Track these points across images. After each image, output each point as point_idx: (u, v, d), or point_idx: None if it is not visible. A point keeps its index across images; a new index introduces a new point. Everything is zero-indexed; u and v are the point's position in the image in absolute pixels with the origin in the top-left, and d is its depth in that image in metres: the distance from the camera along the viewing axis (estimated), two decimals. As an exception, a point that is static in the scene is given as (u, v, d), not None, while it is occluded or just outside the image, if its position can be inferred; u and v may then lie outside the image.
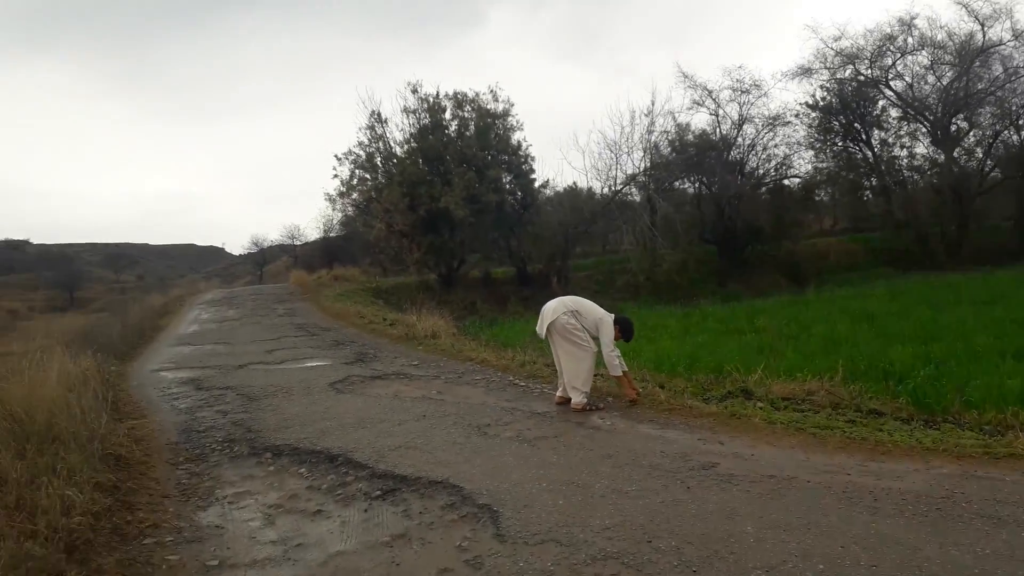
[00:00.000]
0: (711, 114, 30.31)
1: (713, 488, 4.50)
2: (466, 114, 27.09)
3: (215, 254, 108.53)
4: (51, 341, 11.17)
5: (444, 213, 24.71)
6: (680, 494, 4.41)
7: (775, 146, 30.34)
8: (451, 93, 27.13)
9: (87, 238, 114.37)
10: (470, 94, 27.13)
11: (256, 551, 3.93)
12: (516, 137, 27.48)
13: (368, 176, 27.85)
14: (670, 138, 29.70)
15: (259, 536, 4.14)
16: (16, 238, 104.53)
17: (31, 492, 3.99)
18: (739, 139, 30.16)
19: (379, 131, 27.28)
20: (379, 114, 27.21)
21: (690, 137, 30.34)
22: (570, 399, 6.79)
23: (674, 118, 29.82)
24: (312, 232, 51.67)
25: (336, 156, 27.75)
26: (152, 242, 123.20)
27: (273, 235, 60.47)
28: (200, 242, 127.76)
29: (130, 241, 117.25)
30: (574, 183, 33.46)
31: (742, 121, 29.79)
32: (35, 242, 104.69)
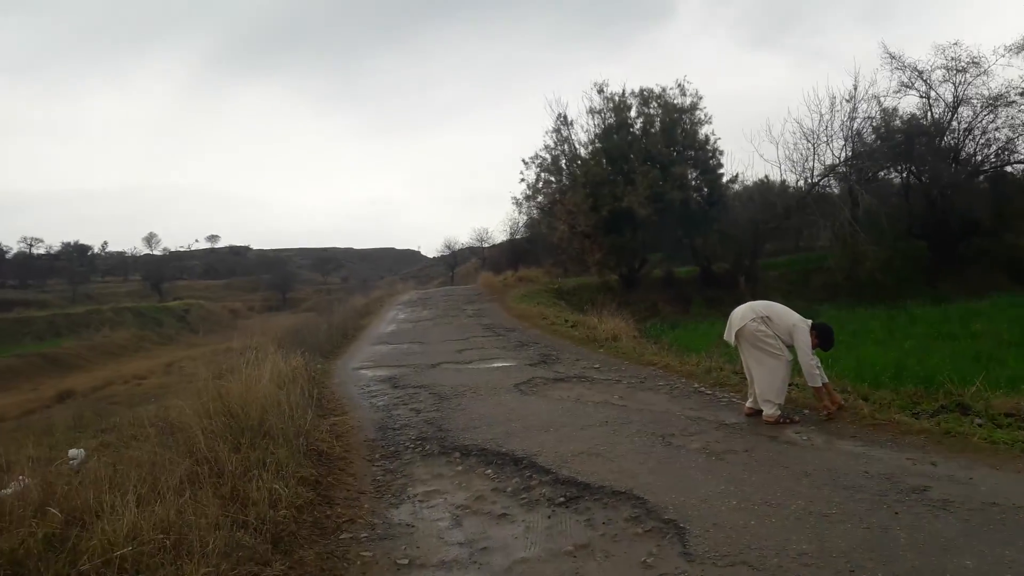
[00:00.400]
0: (921, 97, 27.50)
1: (925, 515, 4.06)
2: (652, 111, 26.70)
3: (411, 257, 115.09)
4: (265, 339, 12.19)
5: (626, 213, 24.49)
6: (887, 520, 4.01)
7: (996, 129, 26.89)
8: (636, 90, 26.95)
9: (299, 243, 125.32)
10: (656, 90, 26.79)
11: (444, 552, 4.04)
12: (704, 131, 26.75)
13: (553, 179, 28.31)
14: (874, 124, 27.31)
15: (447, 537, 4.26)
16: (239, 244, 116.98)
17: (244, 484, 4.35)
18: (953, 123, 27.12)
19: (564, 133, 27.67)
20: (565, 116, 27.58)
21: (897, 123, 27.77)
22: (761, 410, 6.41)
23: (879, 103, 27.25)
24: (499, 235, 53.33)
25: (523, 160, 28.54)
26: (356, 246, 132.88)
27: (463, 238, 63.00)
28: (398, 246, 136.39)
29: (336, 246, 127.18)
30: (765, 176, 31.85)
31: (957, 103, 26.73)
32: (255, 248, 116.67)
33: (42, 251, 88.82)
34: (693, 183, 26.69)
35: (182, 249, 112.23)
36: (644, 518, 4.28)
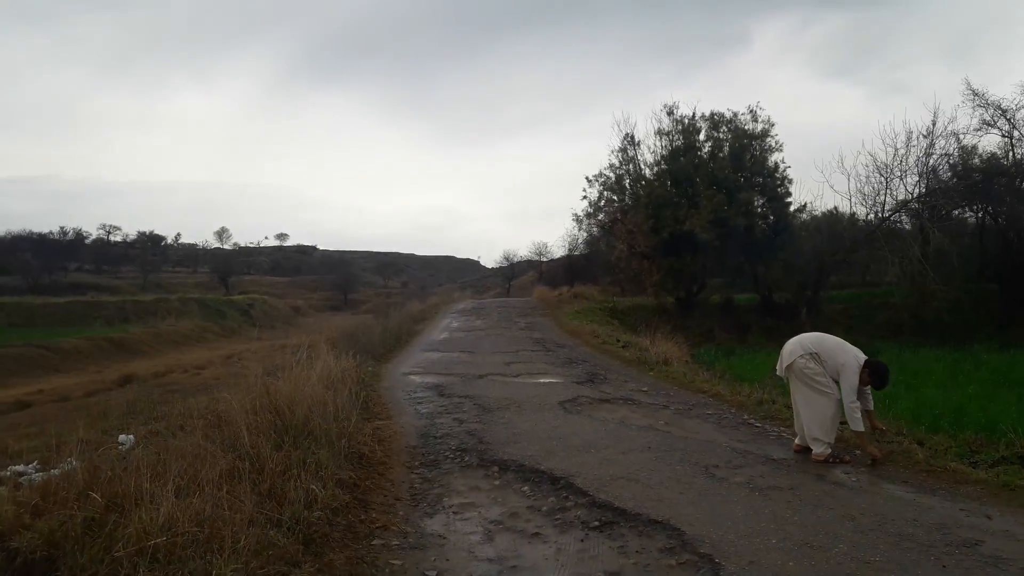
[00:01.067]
0: (1003, 136, 26.44)
1: (975, 570, 3.86)
2: (721, 135, 26.49)
3: (471, 266, 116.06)
4: (321, 338, 12.36)
5: (688, 236, 24.25)
6: (933, 573, 3.82)
7: (1081, 173, 25.83)
8: (707, 114, 26.81)
9: (363, 247, 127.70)
10: (727, 115, 26.63)
11: (473, 567, 4.01)
12: (773, 158, 26.40)
13: (615, 198, 28.29)
14: (951, 162, 26.50)
15: (477, 552, 4.23)
16: (306, 244, 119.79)
17: (282, 483, 4.40)
18: (1036, 164, 26.15)
19: (630, 153, 27.70)
20: (632, 136, 27.64)
21: (976, 161, 26.79)
22: (811, 448, 6.21)
23: (958, 140, 26.29)
24: (557, 250, 53.47)
25: (587, 178, 28.79)
26: (418, 252, 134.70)
27: (522, 251, 63.40)
28: (459, 255, 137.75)
29: (399, 251, 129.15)
30: (835, 208, 31.06)
31: (1042, 143, 25.79)
32: (321, 248, 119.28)
33: (119, 239, 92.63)
34: (759, 210, 26.26)
35: (251, 245, 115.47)
36: (679, 550, 4.17)
